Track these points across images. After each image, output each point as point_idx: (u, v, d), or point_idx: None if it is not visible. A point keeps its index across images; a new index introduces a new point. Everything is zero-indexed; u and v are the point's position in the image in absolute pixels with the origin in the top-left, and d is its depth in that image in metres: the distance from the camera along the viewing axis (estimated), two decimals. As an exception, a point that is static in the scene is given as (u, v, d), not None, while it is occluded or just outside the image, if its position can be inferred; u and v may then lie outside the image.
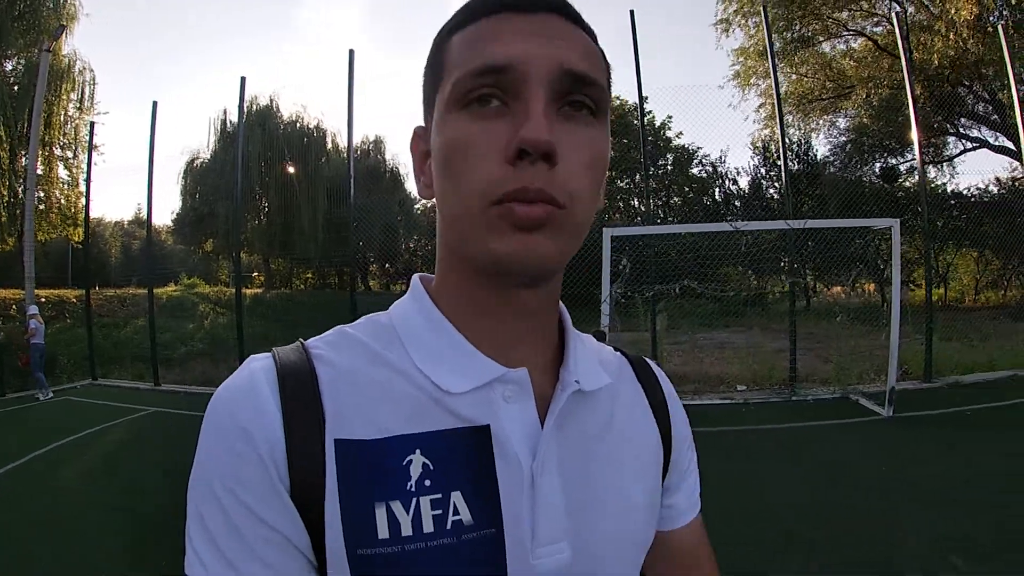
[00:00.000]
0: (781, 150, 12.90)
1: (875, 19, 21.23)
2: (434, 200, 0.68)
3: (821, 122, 25.83)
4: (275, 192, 33.24)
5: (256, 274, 41.20)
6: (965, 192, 23.90)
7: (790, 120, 25.42)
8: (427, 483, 0.61)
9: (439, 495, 0.61)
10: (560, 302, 0.76)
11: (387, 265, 49.06)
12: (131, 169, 19.81)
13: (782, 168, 13.14)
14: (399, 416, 0.63)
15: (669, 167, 36.22)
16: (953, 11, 17.13)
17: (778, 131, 12.82)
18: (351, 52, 13.30)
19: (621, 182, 36.16)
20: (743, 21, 22.50)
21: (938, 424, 8.46)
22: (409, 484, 0.60)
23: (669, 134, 34.81)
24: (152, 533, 5.23)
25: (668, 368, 9.62)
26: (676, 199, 34.52)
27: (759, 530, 5.03)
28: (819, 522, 5.19)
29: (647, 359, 0.89)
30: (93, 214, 24.58)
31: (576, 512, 0.67)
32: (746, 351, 14.51)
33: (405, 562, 0.58)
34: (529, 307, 0.68)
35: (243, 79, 15.83)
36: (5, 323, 17.26)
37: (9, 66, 23.32)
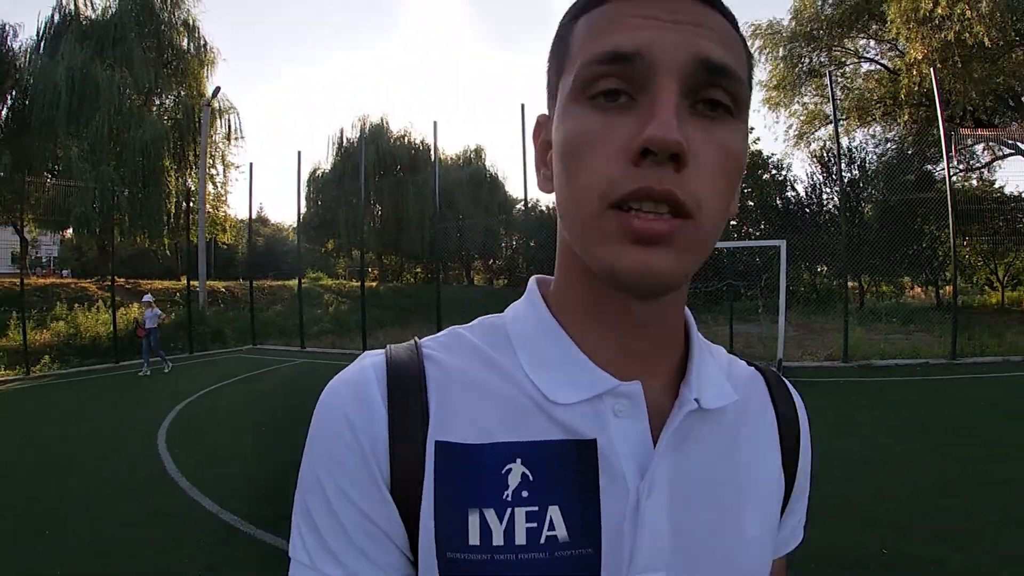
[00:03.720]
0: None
1: (886, 45, 23.08)
2: (553, 195, 0.63)
3: (878, 130, 27.31)
4: (387, 198, 37.45)
5: (371, 269, 45.89)
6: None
7: (830, 129, 27.48)
8: (524, 494, 0.58)
9: (535, 508, 0.58)
10: (686, 309, 0.71)
11: (491, 261, 52.94)
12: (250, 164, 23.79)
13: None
14: (502, 422, 0.61)
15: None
16: (910, 50, 19.37)
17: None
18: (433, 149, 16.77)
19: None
20: (763, 59, 25.07)
21: (809, 387, 10.82)
22: (506, 493, 0.58)
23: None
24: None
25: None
26: (750, 203, 36.58)
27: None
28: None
29: (783, 378, 0.83)
30: (220, 211, 30.63)
31: (682, 540, 0.62)
32: (701, 333, 18.05)
33: (493, 571, 0.57)
34: (649, 318, 0.62)
35: (362, 137, 20.28)
36: (172, 307, 22.49)
37: (158, 100, 28.76)
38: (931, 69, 15.31)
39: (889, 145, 26.35)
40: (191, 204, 25.08)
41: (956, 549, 4.28)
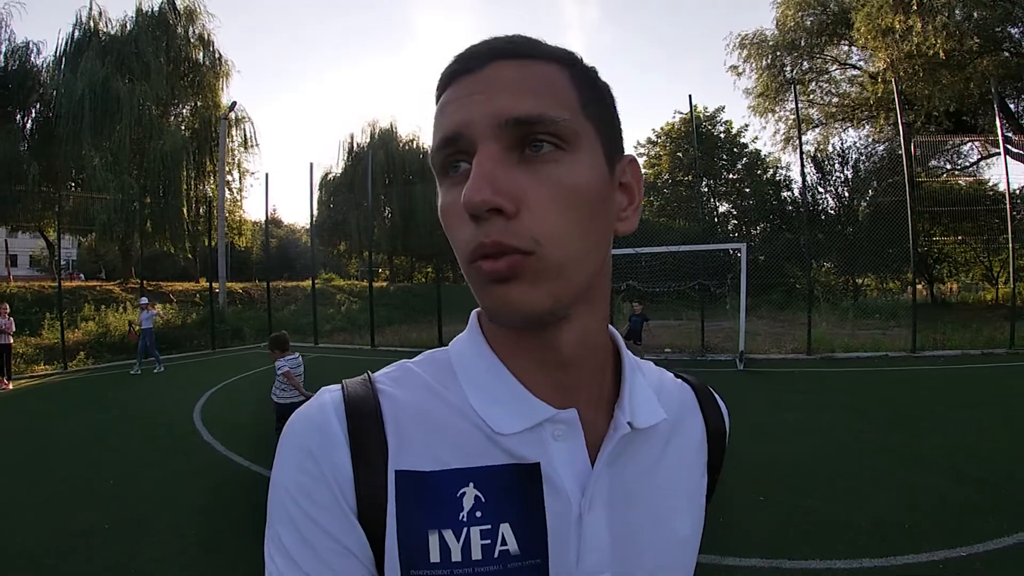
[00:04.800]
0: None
1: (868, 52, 23.71)
2: None
3: (865, 132, 28.19)
4: (397, 201, 38.62)
5: (382, 270, 47.05)
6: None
7: (815, 133, 28.53)
8: (478, 514, 0.64)
9: (488, 526, 0.63)
10: (613, 330, 0.76)
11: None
12: (263, 169, 25.16)
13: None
14: (454, 451, 0.65)
15: (742, 172, 39.70)
16: (874, 60, 20.35)
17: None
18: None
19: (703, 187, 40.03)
20: (749, 68, 26.13)
21: (763, 376, 12.43)
22: (461, 515, 0.63)
23: (743, 139, 38.45)
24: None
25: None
26: (749, 201, 37.31)
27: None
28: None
29: (711, 388, 0.89)
30: (237, 215, 32.37)
31: (621, 545, 0.68)
32: (678, 328, 19.35)
33: None
34: (565, 346, 0.66)
35: (372, 142, 21.53)
36: (193, 307, 23.96)
37: (175, 111, 30.29)
38: (892, 79, 16.38)
39: (878, 147, 27.25)
40: (212, 210, 26.47)
41: (826, 501, 5.38)
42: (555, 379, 0.68)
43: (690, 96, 15.86)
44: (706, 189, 40.39)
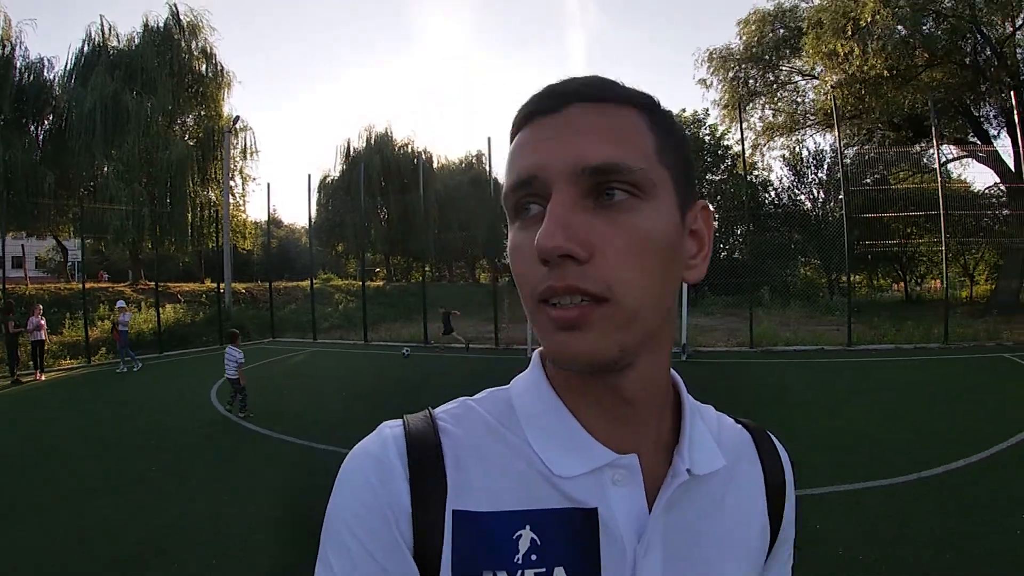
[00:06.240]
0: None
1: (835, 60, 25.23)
2: None
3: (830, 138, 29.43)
4: (393, 203, 40.32)
5: (379, 269, 48.69)
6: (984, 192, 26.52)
7: (783, 140, 30.10)
8: (533, 557, 0.62)
9: (543, 569, 0.62)
10: (675, 374, 0.76)
11: (496, 259, 55.24)
12: (264, 171, 26.12)
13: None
14: (512, 492, 0.65)
15: (725, 174, 41.04)
16: (823, 77, 22.15)
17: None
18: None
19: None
20: (716, 81, 27.76)
21: (702, 365, 13.68)
22: (516, 557, 0.62)
23: (726, 142, 39.80)
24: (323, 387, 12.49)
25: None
26: (733, 202, 38.50)
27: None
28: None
29: (770, 434, 0.87)
30: (239, 217, 34.01)
31: None
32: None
33: None
34: (626, 390, 0.65)
35: (368, 147, 23.25)
36: (199, 307, 25.69)
37: (180, 121, 31.91)
38: (833, 98, 18.06)
39: (849, 151, 28.79)
40: (218, 214, 28.17)
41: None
42: (616, 422, 0.68)
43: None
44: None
